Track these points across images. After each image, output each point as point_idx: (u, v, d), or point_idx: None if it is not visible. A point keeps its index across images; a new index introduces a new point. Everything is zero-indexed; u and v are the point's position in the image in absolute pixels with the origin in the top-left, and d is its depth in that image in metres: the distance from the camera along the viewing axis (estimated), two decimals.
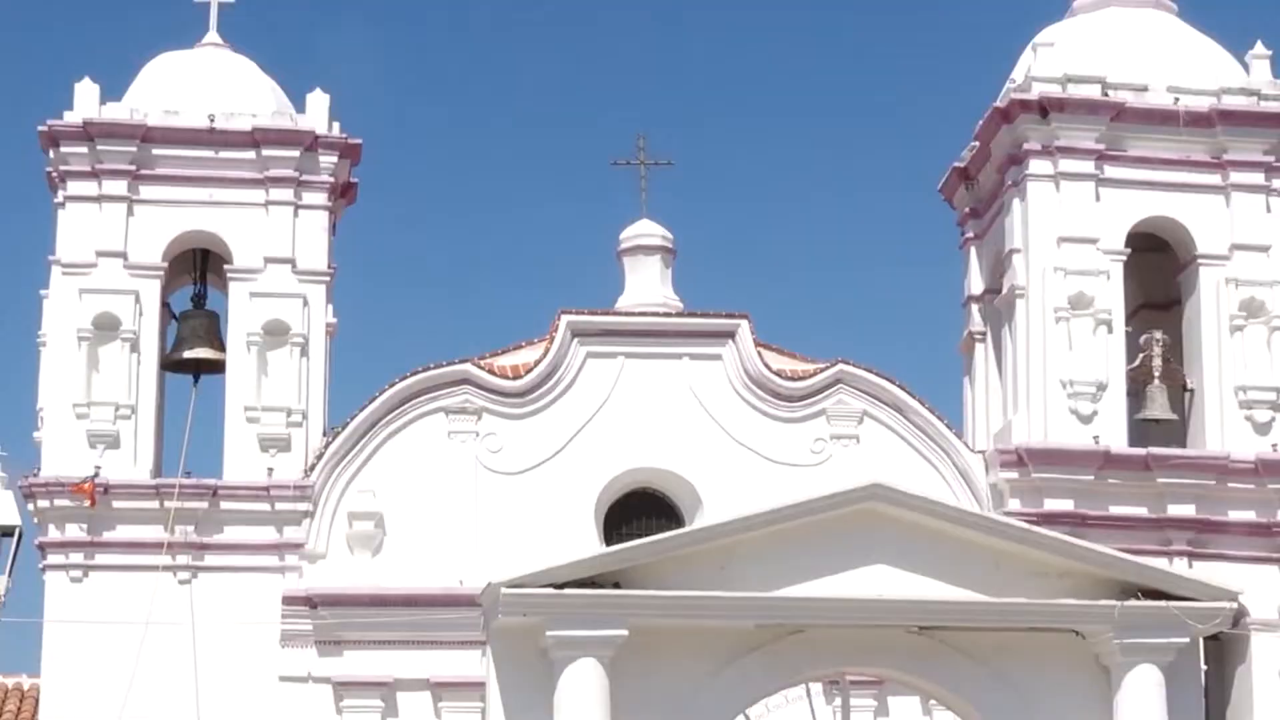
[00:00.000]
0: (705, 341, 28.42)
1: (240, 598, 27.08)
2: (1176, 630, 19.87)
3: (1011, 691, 19.95)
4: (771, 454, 28.08)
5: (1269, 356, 28.76)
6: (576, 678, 19.13)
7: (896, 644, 19.88)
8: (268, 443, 27.56)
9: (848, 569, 19.73)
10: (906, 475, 25.83)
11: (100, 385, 27.44)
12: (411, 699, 27.08)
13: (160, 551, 26.91)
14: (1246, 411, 28.64)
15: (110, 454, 27.26)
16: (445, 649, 26.92)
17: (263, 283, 28.00)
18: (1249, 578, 26.43)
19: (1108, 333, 28.48)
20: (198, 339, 28.40)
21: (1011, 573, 19.91)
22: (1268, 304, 28.80)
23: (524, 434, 27.98)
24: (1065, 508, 27.76)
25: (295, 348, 27.82)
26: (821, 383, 28.46)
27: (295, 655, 27.04)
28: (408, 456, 27.81)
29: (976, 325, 30.31)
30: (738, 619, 19.49)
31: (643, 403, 28.16)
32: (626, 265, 30.75)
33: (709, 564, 19.55)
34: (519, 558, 23.41)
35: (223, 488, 27.35)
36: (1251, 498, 28.40)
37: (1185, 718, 20.16)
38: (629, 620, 19.21)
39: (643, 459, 28.08)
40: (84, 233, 27.86)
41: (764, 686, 20.12)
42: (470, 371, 28.05)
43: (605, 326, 28.50)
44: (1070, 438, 28.06)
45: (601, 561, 19.57)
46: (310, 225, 28.28)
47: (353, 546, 27.47)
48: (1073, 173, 28.71)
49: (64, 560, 27.13)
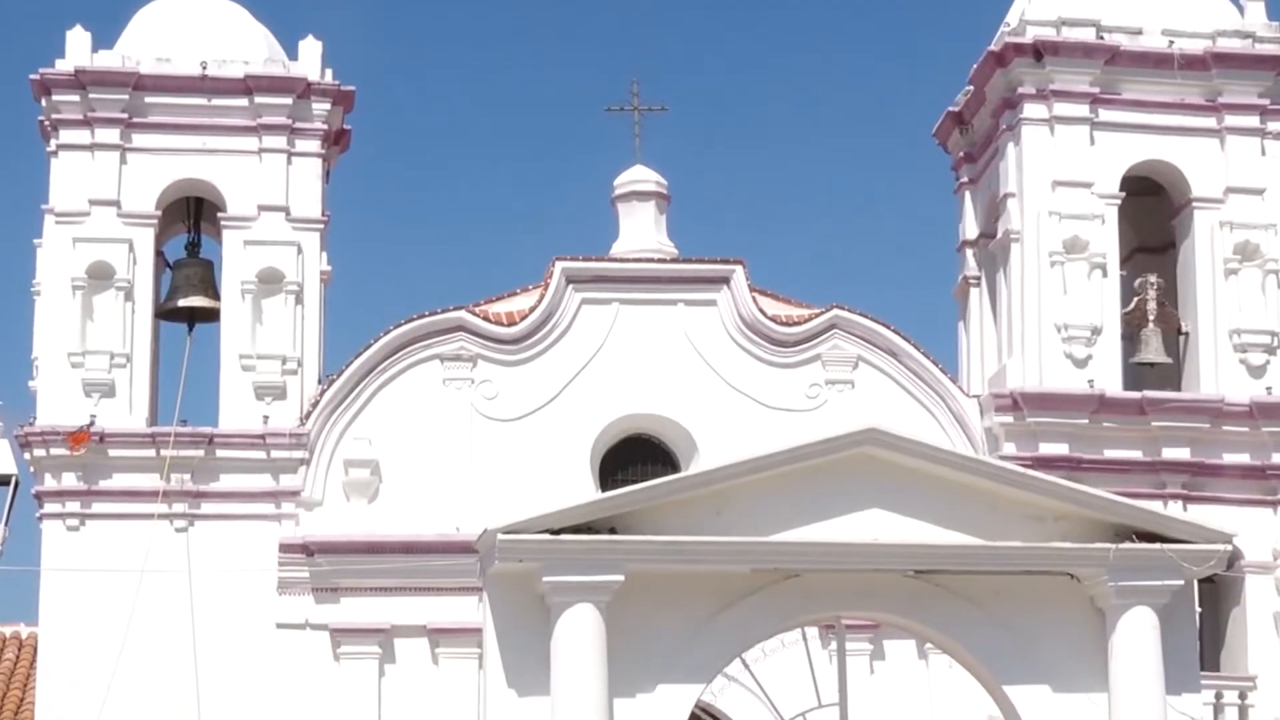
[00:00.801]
0: (700, 287, 28.42)
1: (237, 545, 27.13)
2: (1171, 573, 19.90)
3: (1007, 634, 19.99)
4: (766, 399, 28.12)
5: (1264, 299, 28.78)
6: (573, 623, 19.16)
7: (892, 588, 19.91)
8: (263, 391, 27.57)
9: (843, 513, 19.74)
10: (901, 420, 25.88)
11: (95, 334, 27.43)
12: (408, 645, 27.16)
13: (157, 500, 26.95)
14: (1241, 354, 28.67)
15: (106, 403, 27.28)
16: (442, 595, 27.00)
17: (257, 230, 27.98)
18: (1243, 520, 26.54)
19: (1102, 276, 28.49)
20: (192, 287, 28.38)
21: (1007, 516, 19.93)
22: (1262, 247, 28.80)
23: (519, 380, 28.00)
24: (1060, 451, 27.82)
25: (290, 295, 27.81)
26: (816, 328, 28.48)
27: (292, 602, 27.10)
28: (403, 404, 27.83)
29: (971, 270, 30.32)
30: (733, 564, 19.52)
31: (638, 349, 28.17)
32: (621, 211, 30.72)
33: (704, 509, 19.57)
34: (515, 504, 23.43)
35: (218, 436, 27.37)
36: (1246, 440, 28.46)
37: (1180, 660, 20.20)
38: (625, 565, 19.24)
39: (638, 405, 28.11)
40: (77, 181, 27.82)
41: (760, 631, 20.15)
42: (465, 318, 28.05)
43: (600, 273, 28.50)
44: (1065, 381, 28.10)
45: (597, 507, 19.58)
46: (304, 173, 28.24)
47: (349, 494, 27.51)
48: (1067, 116, 28.67)
49: (60, 509, 27.18)
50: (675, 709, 19.51)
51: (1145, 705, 19.77)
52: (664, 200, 30.78)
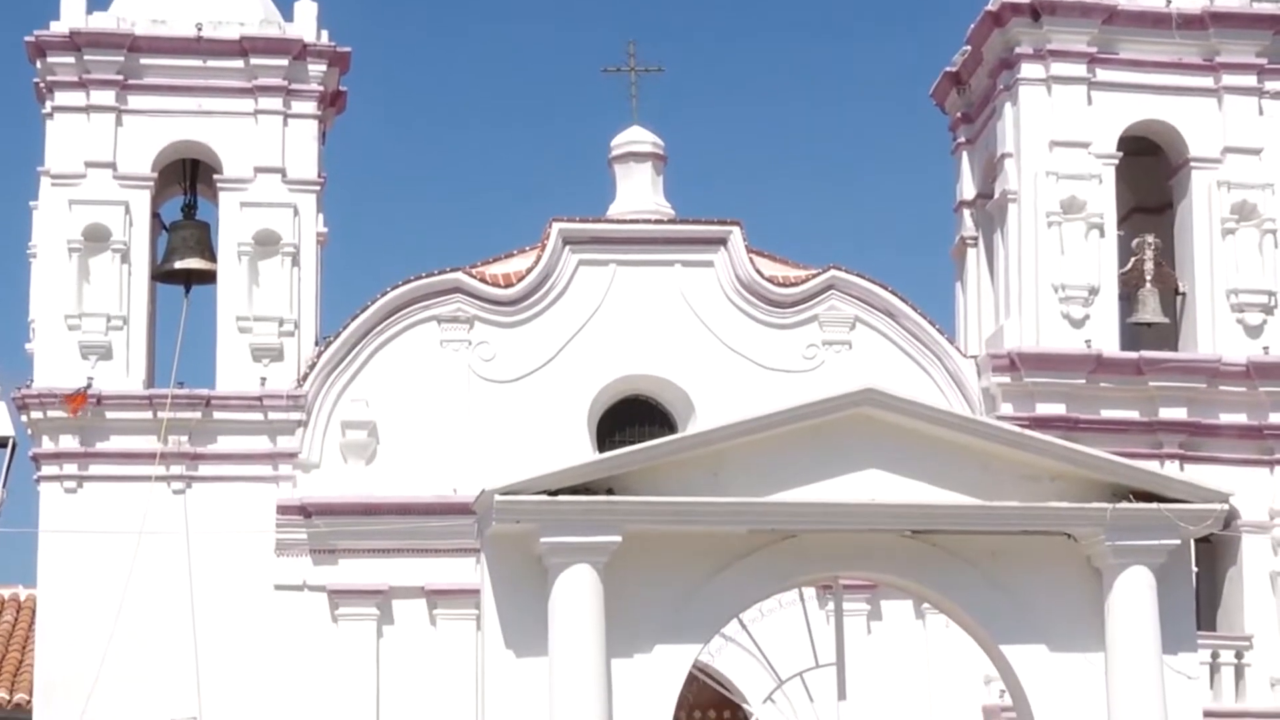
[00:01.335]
0: (697, 248, 28.40)
1: (234, 507, 27.16)
2: (1168, 532, 19.90)
3: (1003, 594, 20.00)
4: (764, 360, 28.12)
5: (1261, 259, 28.77)
6: (571, 584, 19.17)
7: (889, 548, 19.91)
8: (260, 352, 27.57)
9: (840, 474, 19.73)
10: (898, 380, 25.87)
11: (91, 296, 27.42)
12: (406, 607, 27.21)
13: (154, 462, 26.97)
14: (1238, 314, 28.68)
15: (103, 365, 27.28)
16: (439, 557, 27.04)
17: (253, 192, 27.95)
18: (1240, 480, 26.55)
19: (1099, 236, 28.47)
20: (188, 249, 28.37)
21: (1003, 476, 19.91)
22: (1260, 207, 28.78)
23: (516, 342, 28.00)
24: (1057, 411, 27.84)
25: (286, 257, 27.79)
26: (813, 289, 28.47)
27: (290, 564, 27.14)
28: (400, 365, 27.84)
29: (968, 230, 30.30)
30: (730, 524, 19.52)
31: (635, 310, 28.17)
32: (618, 172, 30.67)
33: (702, 470, 19.55)
34: (512, 465, 23.45)
35: (216, 398, 27.38)
36: (1243, 400, 28.48)
37: (1176, 619, 20.21)
38: (622, 526, 19.23)
39: (635, 366, 28.12)
40: (73, 143, 27.77)
41: (757, 591, 20.16)
42: (462, 280, 28.04)
43: (597, 234, 28.48)
44: (1062, 342, 28.10)
45: (595, 468, 19.57)
46: (300, 134, 28.20)
47: (346, 455, 27.52)
48: (1064, 76, 28.62)
49: (58, 471, 27.20)
50: (673, 669, 19.54)
51: (1142, 665, 19.80)
52: (661, 161, 30.74)
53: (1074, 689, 19.94)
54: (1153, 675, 19.83)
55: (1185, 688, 20.16)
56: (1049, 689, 19.94)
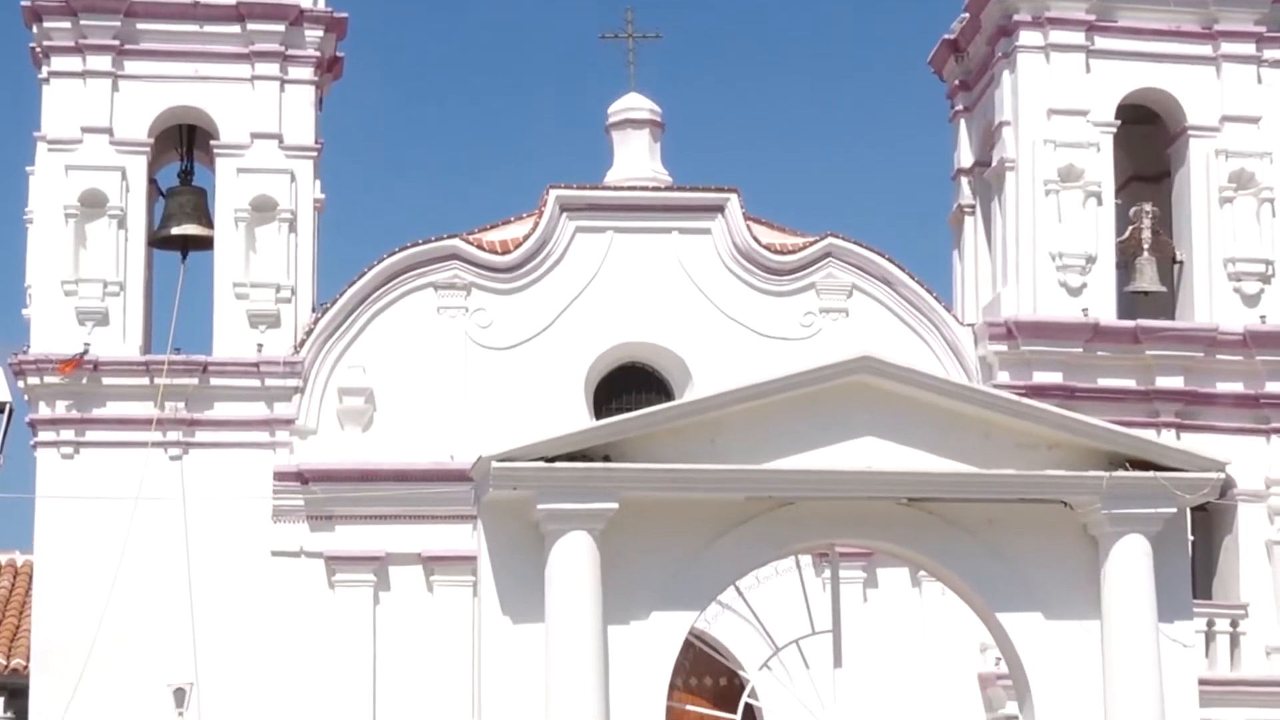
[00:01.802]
0: (694, 215, 28.38)
1: (231, 473, 27.17)
2: (1164, 500, 19.89)
3: (1000, 562, 20.01)
4: (761, 328, 28.12)
5: (1258, 228, 28.76)
6: (567, 550, 19.17)
7: (886, 516, 19.91)
8: (257, 319, 27.56)
9: (837, 441, 19.72)
10: (895, 348, 25.86)
11: (88, 262, 27.39)
12: (403, 573, 27.24)
13: (151, 428, 26.96)
14: (1235, 283, 28.68)
15: (99, 331, 27.26)
16: (436, 523, 27.07)
17: (250, 158, 27.90)
18: (1236, 449, 26.60)
19: (1097, 205, 28.46)
20: (185, 215, 28.33)
21: (1000, 444, 19.91)
22: (1257, 175, 28.77)
23: (513, 309, 27.99)
24: (1054, 380, 27.85)
25: (283, 223, 27.76)
26: (811, 256, 28.46)
27: (287, 530, 27.16)
28: (397, 332, 27.83)
29: (966, 198, 30.27)
30: (727, 492, 19.51)
31: (632, 277, 28.16)
32: (615, 139, 30.61)
33: (698, 437, 19.54)
34: (509, 432, 23.43)
35: (212, 364, 27.37)
36: (1239, 369, 28.49)
37: (1172, 587, 20.22)
38: (619, 493, 19.22)
39: (632, 333, 28.11)
40: (69, 109, 27.72)
41: (754, 559, 20.15)
42: (459, 247, 28.01)
43: (594, 201, 28.46)
44: (1059, 310, 28.11)
45: (591, 435, 19.56)
46: (297, 100, 28.14)
47: (343, 422, 27.52)
48: (1063, 44, 28.57)
49: (55, 437, 27.20)
50: (669, 636, 19.55)
51: (1138, 633, 19.81)
52: (658, 128, 30.69)
53: (1070, 657, 19.96)
54: (1148, 643, 19.85)
55: (1181, 656, 20.18)
56: (1045, 656, 19.96)
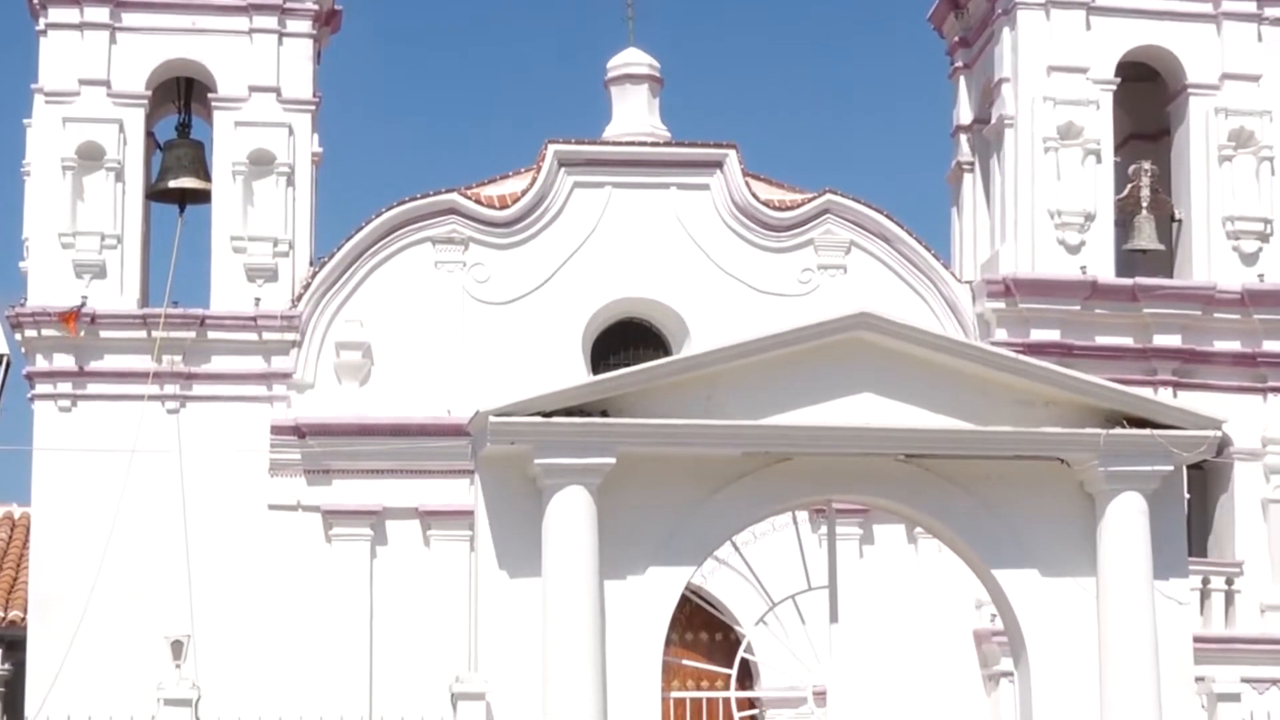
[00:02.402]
0: (693, 171, 28.34)
1: (228, 427, 27.18)
2: (1161, 458, 19.93)
3: (996, 519, 20.05)
4: (758, 284, 28.11)
5: (1257, 187, 28.73)
6: (564, 505, 19.21)
7: (882, 472, 19.94)
8: (254, 273, 27.53)
9: (834, 397, 19.74)
10: (893, 305, 25.88)
11: (85, 215, 27.35)
12: (400, 527, 27.27)
13: (148, 381, 26.95)
14: (1234, 242, 28.67)
15: (97, 284, 27.24)
16: (433, 478, 27.09)
17: (247, 112, 27.84)
18: (1233, 407, 26.61)
19: (1096, 163, 28.42)
20: (183, 168, 28.28)
21: (998, 401, 19.93)
22: (1257, 134, 28.73)
23: (511, 264, 27.97)
24: (1052, 337, 27.86)
25: (281, 177, 27.71)
26: (809, 213, 28.43)
27: (284, 484, 27.18)
28: (395, 286, 27.81)
29: (965, 155, 30.22)
30: (724, 447, 19.54)
31: (630, 232, 28.13)
32: (614, 95, 30.53)
33: (696, 392, 19.56)
34: (507, 387, 23.46)
35: (210, 318, 27.36)
36: (1237, 328, 28.49)
37: (1168, 545, 20.26)
38: (616, 448, 19.25)
39: (630, 288, 28.10)
40: (66, 60, 27.64)
41: (750, 514, 20.19)
42: (457, 201, 27.98)
43: (592, 156, 28.41)
44: (1057, 268, 28.09)
45: (589, 390, 19.58)
46: (294, 53, 28.06)
47: (340, 376, 27.53)
48: (1063, 1, 28.48)
49: (52, 390, 27.20)
50: (665, 591, 19.59)
51: (1133, 590, 19.86)
52: (657, 84, 30.61)
53: (1065, 613, 20.01)
54: (1143, 600, 19.90)
55: (1175, 613, 20.24)
56: (1040, 613, 20.01)
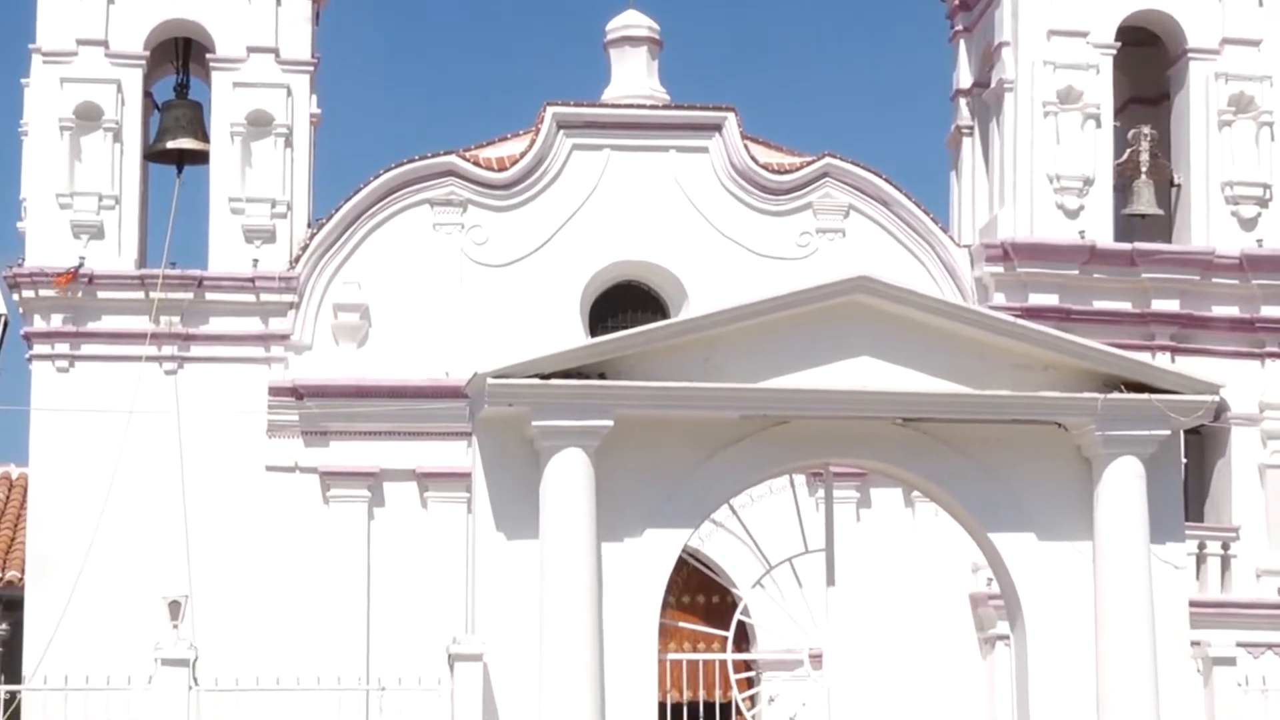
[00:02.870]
0: (692, 134, 28.31)
1: (226, 388, 27.19)
2: (1158, 423, 19.92)
3: (993, 483, 20.05)
4: (757, 247, 28.10)
5: (1257, 152, 28.71)
6: (562, 467, 19.21)
7: (880, 436, 19.94)
8: (252, 234, 27.51)
9: (832, 361, 19.72)
10: (892, 269, 25.83)
11: (83, 175, 27.31)
12: (398, 489, 27.29)
13: (145, 342, 26.94)
14: (1233, 207, 28.66)
15: (94, 244, 27.21)
16: (431, 439, 27.10)
17: (245, 72, 27.79)
18: (1231, 372, 26.62)
19: (1096, 127, 28.38)
20: (181, 129, 28.22)
21: (995, 365, 19.92)
22: (1257, 99, 28.69)
23: (509, 226, 27.94)
24: (1050, 302, 27.86)
25: (279, 138, 27.67)
26: (808, 176, 28.41)
27: (282, 445, 27.20)
28: (393, 248, 27.79)
29: (964, 119, 30.17)
30: (722, 410, 19.53)
31: (629, 195, 28.10)
32: (613, 57, 30.47)
33: (694, 355, 19.55)
34: (505, 348, 23.45)
35: (208, 279, 27.35)
36: (1235, 293, 28.49)
37: (1165, 509, 20.27)
38: (614, 410, 19.24)
39: (628, 251, 28.08)
40: (64, 20, 27.57)
41: (748, 477, 20.19)
42: (455, 163, 27.94)
43: (591, 118, 28.37)
44: (1056, 232, 28.08)
45: (587, 352, 19.55)
46: (293, 14, 28.00)
47: (338, 338, 27.53)
48: None
49: (50, 350, 27.20)
50: (663, 553, 19.60)
51: (1129, 554, 19.88)
52: (656, 46, 30.56)
53: (1061, 577, 20.02)
54: (1140, 565, 19.91)
55: (1172, 577, 20.26)
56: (1037, 577, 20.03)
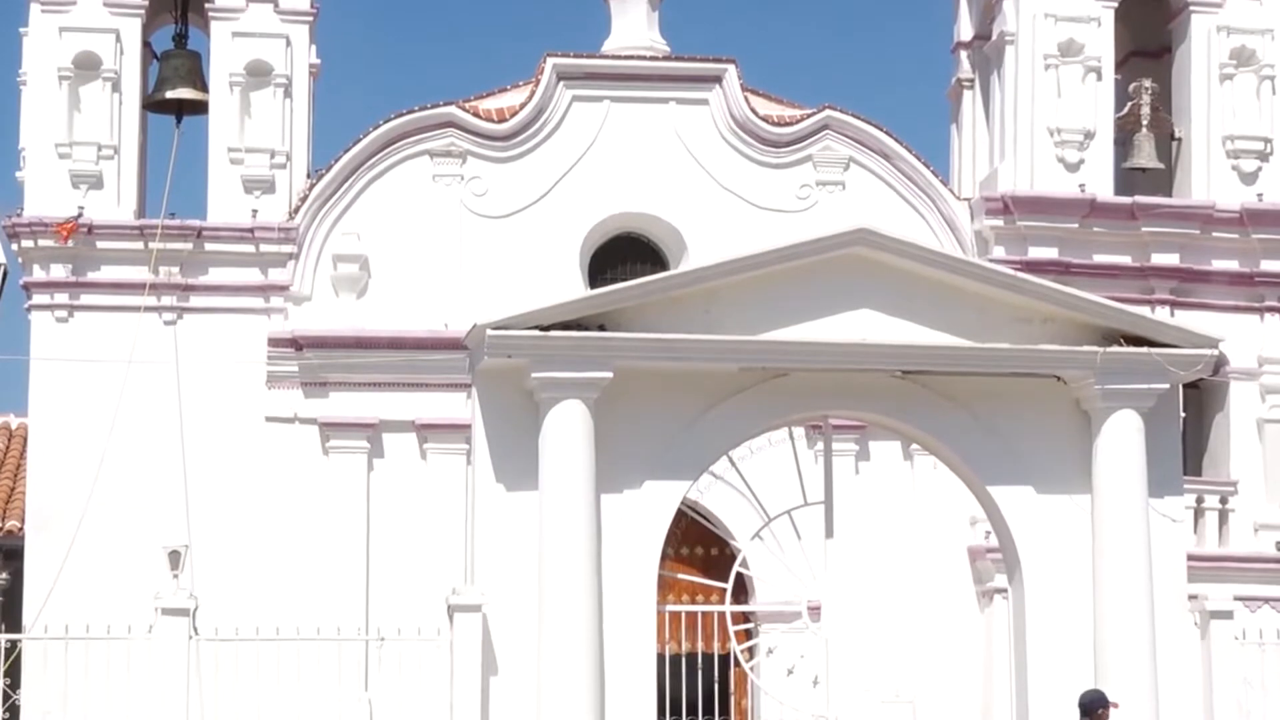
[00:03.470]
0: (692, 86, 28.26)
1: (225, 339, 27.18)
2: (1157, 376, 19.95)
3: (992, 436, 20.09)
4: (757, 199, 28.07)
5: (1258, 105, 28.67)
6: (561, 419, 19.24)
7: (879, 388, 19.97)
8: (252, 184, 27.47)
9: (832, 313, 19.74)
10: (891, 221, 25.78)
11: (82, 125, 27.26)
12: (397, 440, 27.31)
13: (144, 292, 26.93)
14: (1233, 161, 28.62)
15: (94, 194, 27.17)
16: (430, 391, 27.12)
17: (244, 22, 27.71)
18: (1230, 326, 26.61)
19: (1097, 80, 28.33)
20: (180, 79, 28.14)
21: (995, 318, 19.94)
22: (1259, 52, 28.63)
23: (509, 177, 27.91)
24: (1050, 255, 27.85)
25: (278, 89, 27.61)
26: (808, 129, 28.36)
27: (281, 396, 27.21)
28: (392, 199, 27.76)
29: (965, 72, 30.11)
30: (722, 362, 19.56)
31: (628, 147, 28.06)
32: (613, 8, 30.32)
33: (694, 307, 19.57)
34: (504, 300, 23.44)
35: (207, 229, 27.32)
36: (1235, 247, 28.48)
37: (1163, 463, 20.31)
38: (614, 362, 19.26)
39: (628, 203, 28.06)
40: None
41: (747, 429, 20.23)
42: (455, 114, 27.89)
43: (591, 70, 28.30)
44: (1056, 185, 28.05)
45: (587, 304, 19.57)
46: None
47: (338, 288, 27.52)
48: None
49: (49, 300, 27.18)
50: (662, 505, 19.65)
51: (1127, 507, 19.92)
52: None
53: (1059, 530, 20.08)
54: (1138, 518, 19.96)
55: (1169, 531, 20.31)
56: (1035, 530, 20.08)
